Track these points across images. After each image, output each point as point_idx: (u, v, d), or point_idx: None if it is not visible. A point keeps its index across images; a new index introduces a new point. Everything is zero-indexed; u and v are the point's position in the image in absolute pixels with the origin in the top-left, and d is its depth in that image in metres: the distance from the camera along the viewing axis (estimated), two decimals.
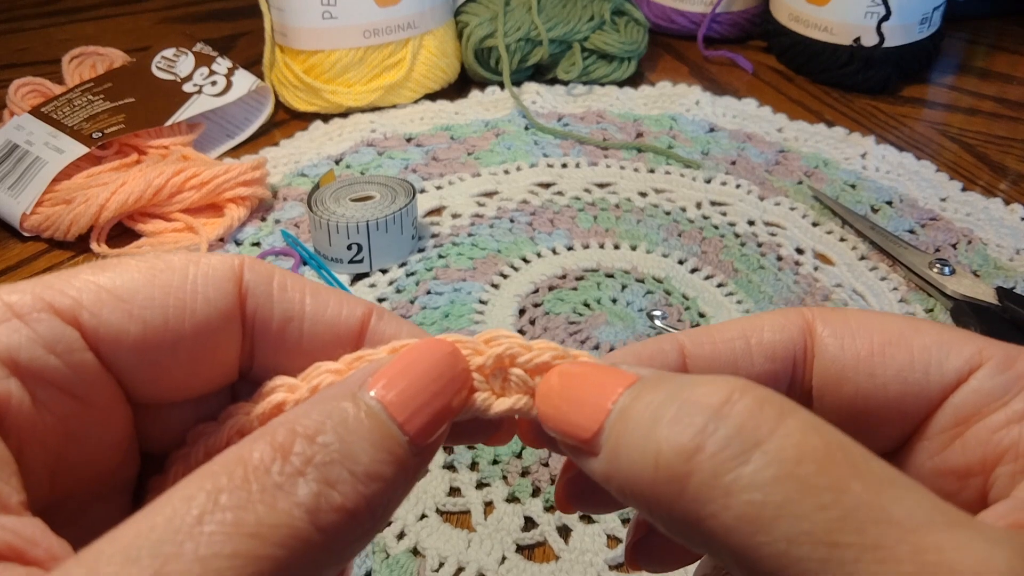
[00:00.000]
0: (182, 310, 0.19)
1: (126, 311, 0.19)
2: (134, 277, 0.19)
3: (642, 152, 0.65)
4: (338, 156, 0.65)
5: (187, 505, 0.15)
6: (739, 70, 0.78)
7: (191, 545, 0.14)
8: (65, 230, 0.55)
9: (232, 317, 0.20)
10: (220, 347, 0.20)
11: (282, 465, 0.16)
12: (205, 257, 0.20)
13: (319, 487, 0.16)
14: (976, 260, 0.54)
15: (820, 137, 0.67)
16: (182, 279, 0.19)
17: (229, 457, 0.16)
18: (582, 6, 0.72)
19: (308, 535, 0.15)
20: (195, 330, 0.19)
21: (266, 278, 0.20)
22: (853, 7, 0.69)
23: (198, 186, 0.55)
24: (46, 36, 0.84)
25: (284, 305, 0.21)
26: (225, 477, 0.15)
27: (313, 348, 0.21)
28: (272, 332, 0.21)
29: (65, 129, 0.58)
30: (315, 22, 0.65)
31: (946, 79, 0.76)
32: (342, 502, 0.16)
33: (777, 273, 0.54)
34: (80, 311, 0.18)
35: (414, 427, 0.17)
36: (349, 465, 0.16)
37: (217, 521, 0.15)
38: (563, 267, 0.54)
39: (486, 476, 0.41)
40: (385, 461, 0.17)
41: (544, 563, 0.37)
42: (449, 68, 0.72)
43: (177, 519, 0.15)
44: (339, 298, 0.21)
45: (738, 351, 0.21)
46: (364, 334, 0.21)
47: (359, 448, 0.16)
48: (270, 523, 0.15)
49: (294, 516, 0.15)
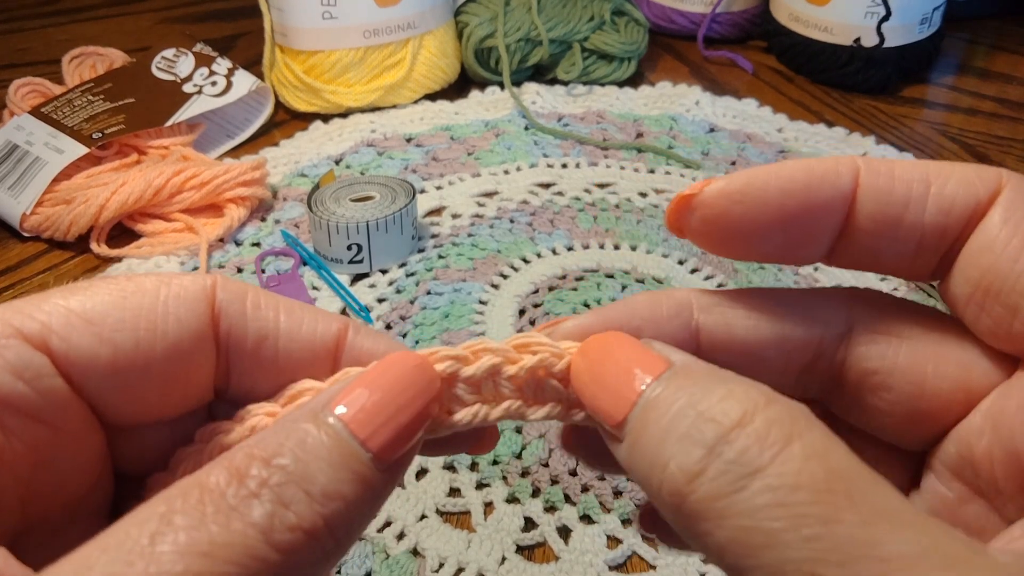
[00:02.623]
0: (153, 332, 0.19)
1: (96, 335, 0.18)
2: (104, 300, 0.19)
3: (642, 152, 0.65)
4: (338, 156, 0.65)
5: (140, 528, 0.15)
6: (739, 70, 0.78)
7: (142, 564, 0.14)
8: (65, 230, 0.55)
9: (205, 337, 0.20)
10: (193, 368, 0.20)
11: (237, 488, 0.16)
12: (177, 277, 0.20)
13: (273, 507, 0.16)
14: None
15: (820, 137, 0.67)
16: (153, 301, 0.19)
17: (187, 482, 0.16)
18: (582, 6, 0.72)
19: (264, 554, 0.15)
20: (167, 352, 0.19)
21: (239, 297, 0.20)
22: (853, 7, 0.69)
23: (198, 186, 0.55)
24: (46, 36, 0.84)
25: (258, 324, 0.20)
26: (180, 500, 0.15)
27: (289, 365, 0.21)
28: (247, 351, 0.20)
29: (65, 129, 0.58)
30: (315, 22, 0.65)
31: (946, 79, 0.76)
32: (297, 522, 0.16)
33: (777, 273, 0.54)
34: (49, 336, 0.18)
35: (377, 443, 0.17)
36: (305, 485, 0.16)
37: (169, 541, 0.15)
38: (563, 267, 0.54)
39: (486, 477, 0.41)
40: (345, 480, 0.17)
41: (544, 563, 0.37)
42: (449, 68, 0.72)
43: (129, 541, 0.15)
44: (314, 315, 0.21)
45: (914, 194, 0.20)
46: (341, 349, 0.21)
47: (316, 468, 0.16)
48: (223, 542, 0.15)
49: (248, 536, 0.15)
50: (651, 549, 0.38)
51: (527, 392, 0.20)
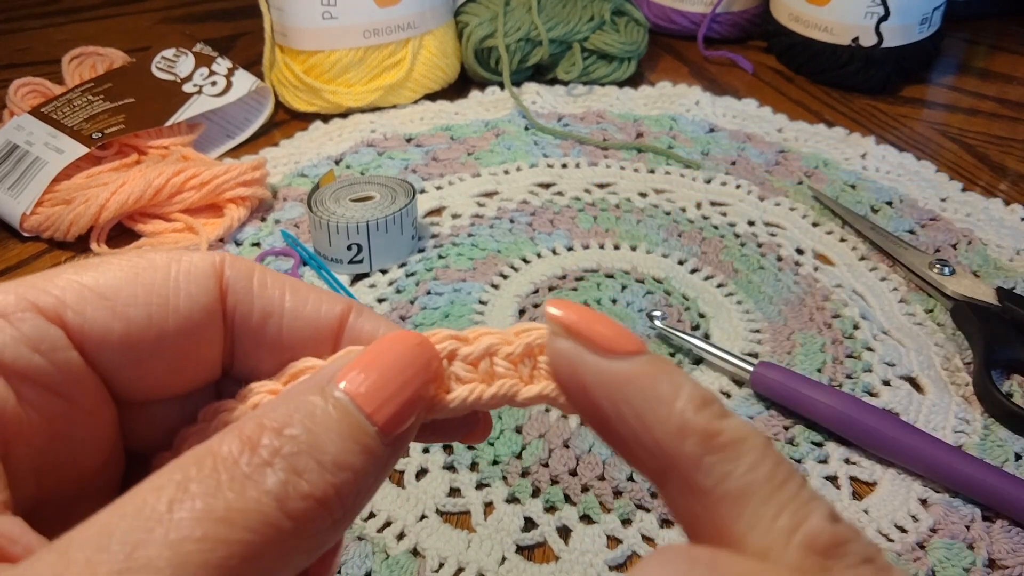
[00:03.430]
0: (165, 307, 0.19)
1: (109, 309, 0.19)
2: (117, 275, 0.19)
3: (642, 152, 0.65)
4: (338, 156, 0.65)
5: (157, 495, 0.15)
6: (739, 70, 0.78)
7: (161, 530, 0.15)
8: (65, 230, 0.55)
9: (214, 313, 0.20)
10: (203, 344, 0.20)
11: (250, 456, 0.16)
12: (186, 254, 0.20)
13: (287, 476, 0.16)
14: (976, 260, 0.54)
15: (820, 137, 0.67)
16: (164, 276, 0.19)
17: (199, 451, 0.16)
18: (582, 6, 0.72)
19: (278, 521, 0.16)
20: (178, 327, 0.19)
21: (246, 274, 0.21)
22: (853, 7, 0.69)
23: (198, 186, 0.55)
24: (46, 36, 0.84)
25: (263, 301, 0.21)
26: (195, 468, 0.16)
27: (292, 344, 0.21)
28: (252, 328, 0.21)
29: (65, 129, 0.58)
30: (315, 22, 0.65)
31: (946, 79, 0.76)
32: (310, 490, 0.16)
33: (777, 273, 0.54)
34: (64, 310, 0.18)
35: (383, 417, 0.18)
36: (316, 455, 0.17)
37: (187, 508, 0.15)
38: (563, 267, 0.54)
39: (486, 477, 0.41)
40: (354, 451, 0.17)
41: (544, 564, 0.37)
42: (449, 68, 0.72)
43: (147, 508, 0.15)
44: (318, 295, 0.21)
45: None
46: (343, 330, 0.21)
47: (327, 439, 0.17)
48: (239, 508, 0.15)
49: (263, 503, 0.16)
50: (651, 549, 0.38)
51: (523, 374, 0.21)
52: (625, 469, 0.41)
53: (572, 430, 0.43)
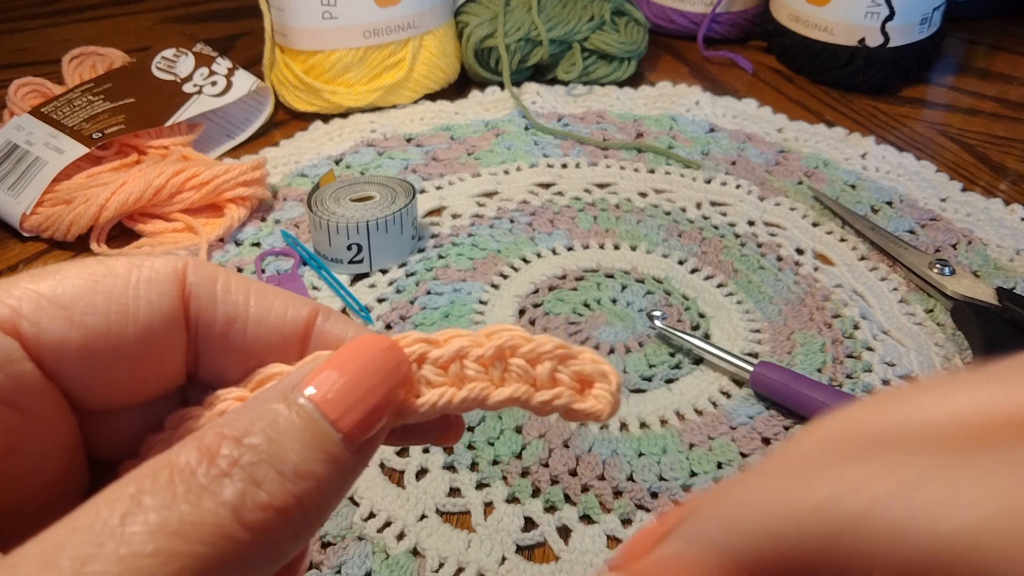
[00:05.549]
0: (124, 315, 0.19)
1: (67, 318, 0.18)
2: (75, 283, 0.19)
3: (642, 152, 0.65)
4: (338, 156, 0.65)
5: (111, 508, 0.15)
6: (739, 70, 0.78)
7: (112, 545, 0.14)
8: (65, 230, 0.55)
9: (176, 320, 0.20)
10: (165, 351, 0.20)
11: (208, 467, 0.16)
12: (148, 260, 0.20)
13: (245, 486, 0.16)
14: (976, 260, 0.54)
15: (820, 137, 0.67)
16: (124, 284, 0.19)
17: (157, 462, 0.16)
18: (582, 6, 0.72)
19: (235, 533, 0.15)
20: (139, 335, 0.19)
21: (209, 280, 0.20)
22: (853, 7, 0.69)
23: (198, 186, 0.55)
24: (46, 36, 0.84)
25: (227, 307, 0.20)
26: (150, 480, 0.15)
27: (258, 349, 0.21)
28: (216, 334, 0.20)
29: (65, 129, 0.58)
30: (315, 22, 0.65)
31: (946, 79, 0.76)
32: (268, 500, 0.16)
33: (777, 273, 0.54)
34: (19, 320, 0.18)
35: (348, 424, 0.17)
36: (277, 465, 0.16)
37: (140, 521, 0.15)
38: (563, 267, 0.54)
39: (486, 476, 0.41)
40: (317, 459, 0.17)
41: (544, 564, 0.37)
42: (449, 68, 0.72)
43: (100, 521, 0.15)
44: (284, 299, 0.21)
45: None
46: (310, 334, 0.21)
47: (289, 447, 0.17)
48: (193, 521, 0.15)
49: (219, 515, 0.15)
50: None
51: (494, 376, 0.21)
52: (625, 469, 0.41)
53: (572, 430, 0.43)
